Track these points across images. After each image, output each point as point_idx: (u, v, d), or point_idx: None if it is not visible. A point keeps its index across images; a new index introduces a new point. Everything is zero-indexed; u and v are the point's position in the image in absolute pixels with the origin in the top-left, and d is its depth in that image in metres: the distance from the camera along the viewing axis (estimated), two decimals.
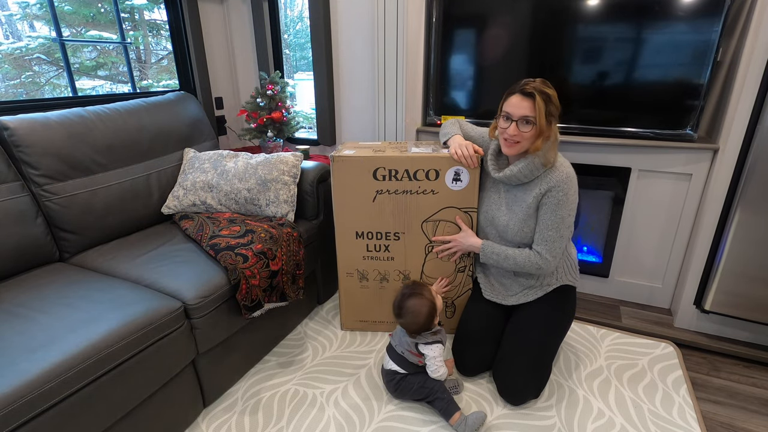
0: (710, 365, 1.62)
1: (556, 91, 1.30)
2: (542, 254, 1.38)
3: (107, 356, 1.02)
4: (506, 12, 1.81)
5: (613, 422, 1.34)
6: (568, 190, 1.33)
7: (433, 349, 1.35)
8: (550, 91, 1.29)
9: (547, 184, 1.33)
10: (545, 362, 1.42)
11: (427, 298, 1.37)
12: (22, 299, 1.19)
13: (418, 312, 1.35)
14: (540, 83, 1.30)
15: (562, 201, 1.32)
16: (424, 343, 1.36)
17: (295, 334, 1.78)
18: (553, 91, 1.30)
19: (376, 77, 2.03)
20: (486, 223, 1.52)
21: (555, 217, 1.34)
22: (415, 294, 1.38)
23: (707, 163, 1.67)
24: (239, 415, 1.38)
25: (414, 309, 1.36)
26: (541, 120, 1.28)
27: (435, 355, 1.35)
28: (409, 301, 1.37)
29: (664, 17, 1.57)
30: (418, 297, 1.37)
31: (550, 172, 1.34)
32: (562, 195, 1.32)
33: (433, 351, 1.35)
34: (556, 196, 1.32)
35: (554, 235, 1.35)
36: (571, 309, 1.51)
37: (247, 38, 2.49)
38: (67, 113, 1.57)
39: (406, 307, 1.37)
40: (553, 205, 1.33)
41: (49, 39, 2.83)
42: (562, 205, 1.33)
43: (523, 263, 1.41)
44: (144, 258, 1.45)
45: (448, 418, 1.32)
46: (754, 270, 1.54)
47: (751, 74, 1.43)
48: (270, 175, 1.69)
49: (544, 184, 1.34)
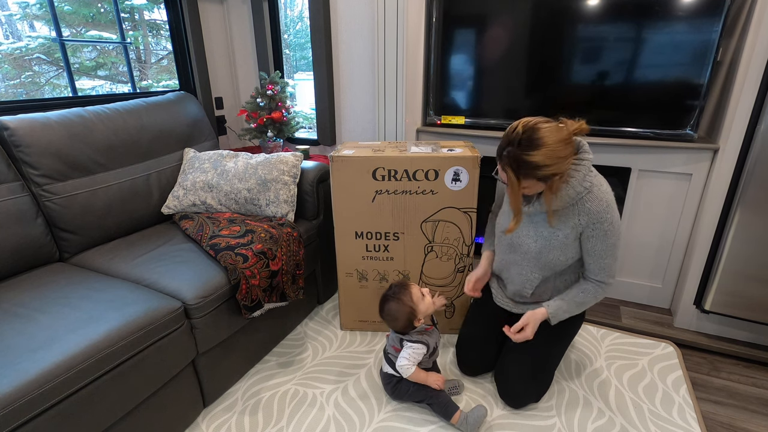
0: (710, 365, 1.62)
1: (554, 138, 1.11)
2: (605, 281, 1.31)
3: (107, 356, 1.02)
4: (506, 12, 1.81)
5: (613, 422, 1.34)
6: (613, 219, 1.23)
7: (412, 346, 1.35)
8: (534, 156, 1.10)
9: (587, 216, 1.22)
10: (547, 369, 1.41)
11: (406, 304, 1.34)
12: (22, 299, 1.19)
13: (395, 317, 1.35)
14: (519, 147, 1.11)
15: (609, 231, 1.23)
16: (408, 341, 1.37)
17: (295, 334, 1.78)
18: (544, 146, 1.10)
19: (376, 77, 2.03)
20: (505, 249, 1.42)
21: (607, 245, 1.26)
22: (395, 298, 1.36)
23: (707, 163, 1.67)
24: (239, 415, 1.38)
25: (391, 313, 1.36)
26: (530, 190, 1.20)
27: (407, 355, 1.34)
28: (388, 304, 1.37)
29: (664, 17, 1.57)
30: (396, 301, 1.35)
31: (587, 199, 1.22)
32: (608, 225, 1.23)
33: (409, 349, 1.35)
34: (602, 227, 1.23)
35: (611, 261, 1.28)
36: (579, 319, 1.45)
37: (247, 38, 2.49)
38: (67, 113, 1.57)
39: (385, 309, 1.38)
40: (601, 236, 1.24)
41: (49, 39, 2.83)
42: (611, 234, 1.24)
43: (593, 301, 1.33)
44: (144, 258, 1.45)
45: (448, 418, 1.32)
46: (754, 270, 1.54)
47: (751, 74, 1.43)
48: (270, 175, 1.69)
49: (584, 216, 1.23)
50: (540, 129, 1.12)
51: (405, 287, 1.39)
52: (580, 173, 1.20)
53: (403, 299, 1.35)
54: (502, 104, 1.95)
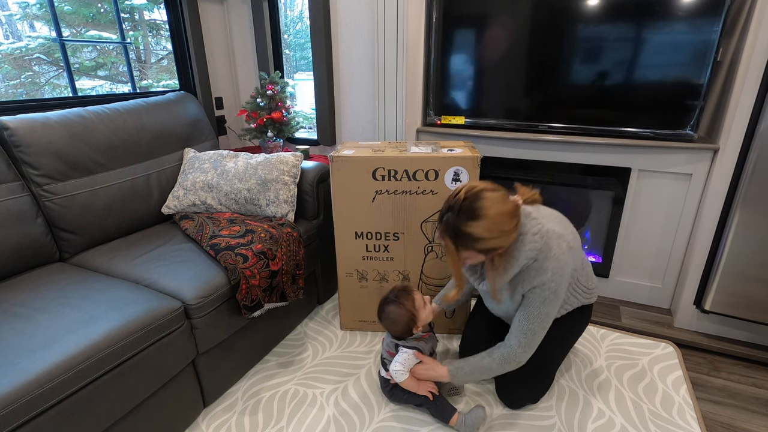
0: (710, 365, 1.62)
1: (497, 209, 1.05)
2: (519, 353, 1.22)
3: (107, 356, 1.02)
4: (506, 12, 1.81)
5: (613, 422, 1.34)
6: (557, 288, 1.15)
7: (407, 352, 1.34)
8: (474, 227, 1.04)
9: (531, 282, 1.16)
10: (546, 372, 1.40)
11: (407, 309, 1.33)
12: (22, 299, 1.19)
13: (395, 320, 1.34)
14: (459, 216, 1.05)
15: (548, 299, 1.17)
16: (404, 346, 1.36)
17: (295, 334, 1.78)
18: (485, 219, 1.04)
19: (376, 77, 2.03)
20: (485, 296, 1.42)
21: (539, 312, 1.19)
22: (397, 302, 1.35)
23: (707, 163, 1.67)
24: (239, 415, 1.38)
25: (392, 316, 1.35)
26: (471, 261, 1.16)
27: (402, 360, 1.33)
28: (390, 307, 1.35)
29: (664, 17, 1.57)
30: (398, 306, 1.34)
31: (532, 267, 1.15)
32: (550, 293, 1.16)
33: (404, 354, 1.34)
34: (542, 294, 1.16)
35: (536, 327, 1.20)
36: (582, 325, 1.44)
37: (247, 38, 2.49)
38: (67, 113, 1.57)
39: (385, 312, 1.36)
40: (539, 301, 1.17)
41: (49, 39, 2.83)
42: (549, 303, 1.17)
43: (498, 370, 1.27)
44: (144, 258, 1.45)
45: (446, 421, 1.32)
46: (754, 270, 1.54)
47: (751, 74, 1.43)
48: (270, 175, 1.69)
49: (527, 283, 1.17)
50: (482, 198, 1.05)
51: (408, 292, 1.37)
52: (525, 246, 1.13)
53: (406, 304, 1.34)
54: (502, 104, 1.95)
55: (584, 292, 1.36)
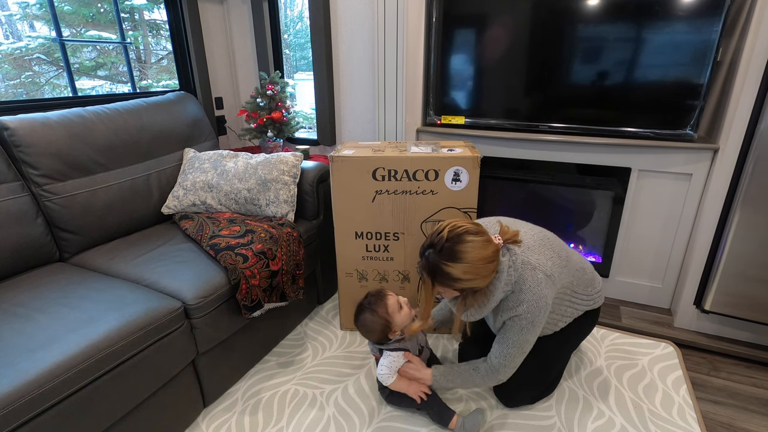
0: (710, 365, 1.62)
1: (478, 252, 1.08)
2: (498, 370, 1.25)
3: (107, 356, 1.02)
4: (506, 12, 1.81)
5: (613, 422, 1.34)
6: (534, 319, 1.17)
7: (390, 355, 1.32)
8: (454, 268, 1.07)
9: (509, 313, 1.20)
10: (546, 375, 1.39)
11: (380, 316, 1.30)
12: (21, 299, 1.19)
13: (370, 328, 1.32)
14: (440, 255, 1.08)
15: (526, 328, 1.19)
16: (386, 349, 1.34)
17: (295, 334, 1.78)
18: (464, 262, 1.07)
19: (376, 77, 2.03)
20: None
21: (518, 340, 1.21)
22: (369, 309, 1.32)
23: (707, 163, 1.67)
24: (239, 415, 1.38)
25: (366, 324, 1.32)
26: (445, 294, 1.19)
27: (387, 363, 1.31)
28: (363, 315, 1.33)
29: (664, 17, 1.57)
30: (371, 313, 1.31)
31: (509, 299, 1.19)
32: (527, 323, 1.18)
33: (387, 358, 1.32)
34: (520, 323, 1.19)
35: (516, 352, 1.22)
36: (587, 330, 1.44)
37: (247, 38, 2.49)
38: (67, 113, 1.57)
39: (359, 320, 1.34)
40: (516, 330, 1.20)
41: (49, 39, 2.83)
42: (526, 332, 1.20)
43: (480, 383, 1.29)
44: (144, 258, 1.45)
45: (445, 424, 1.31)
46: (754, 270, 1.54)
47: (751, 74, 1.43)
48: (270, 175, 1.69)
49: (506, 313, 1.21)
50: (464, 242, 1.08)
51: (381, 297, 1.34)
52: (500, 281, 1.15)
53: (378, 310, 1.31)
54: (502, 104, 1.95)
55: (587, 299, 1.36)
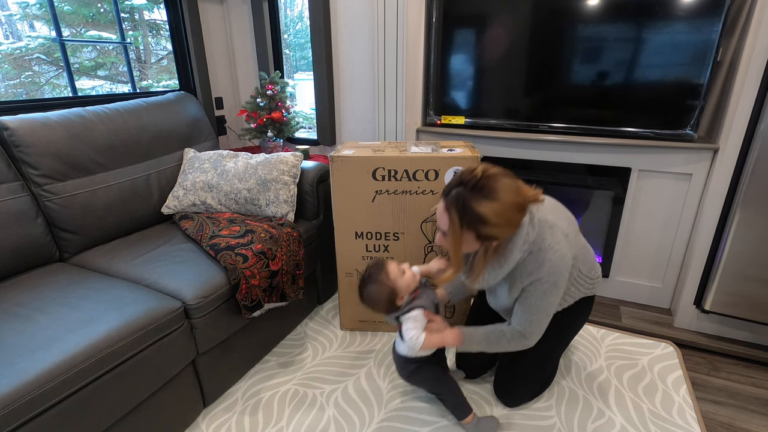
0: (710, 365, 1.62)
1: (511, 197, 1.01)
2: (525, 336, 1.19)
3: (107, 356, 1.02)
4: (506, 12, 1.81)
5: (613, 422, 1.34)
6: (556, 281, 1.12)
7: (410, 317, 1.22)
8: (487, 207, 0.99)
9: (530, 277, 1.12)
10: (543, 370, 1.39)
11: (384, 284, 1.22)
12: (21, 299, 1.19)
13: (376, 300, 1.24)
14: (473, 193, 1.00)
15: (549, 291, 1.13)
16: (402, 315, 1.23)
17: (295, 334, 1.78)
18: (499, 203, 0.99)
19: (376, 77, 2.03)
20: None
21: (542, 304, 1.15)
22: (371, 281, 1.24)
23: (707, 163, 1.67)
24: (239, 415, 1.38)
25: (371, 296, 1.24)
26: (454, 244, 1.06)
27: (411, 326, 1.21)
28: (367, 288, 1.24)
29: (664, 17, 1.57)
30: (374, 283, 1.23)
31: (528, 261, 1.11)
32: (549, 286, 1.12)
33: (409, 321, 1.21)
34: (541, 287, 1.13)
35: (541, 317, 1.17)
36: (583, 320, 1.40)
37: (247, 38, 2.49)
38: (67, 113, 1.57)
39: (364, 294, 1.26)
40: (539, 294, 1.14)
41: (49, 39, 2.83)
42: (549, 296, 1.14)
43: (505, 347, 1.22)
44: (144, 258, 1.45)
45: (461, 418, 1.29)
46: (754, 270, 1.54)
47: (751, 74, 1.43)
48: (270, 175, 1.69)
49: (526, 277, 1.13)
50: (499, 182, 1.01)
51: (380, 266, 1.26)
52: (519, 239, 1.09)
53: (381, 279, 1.23)
54: (502, 104, 1.95)
55: (586, 283, 1.32)
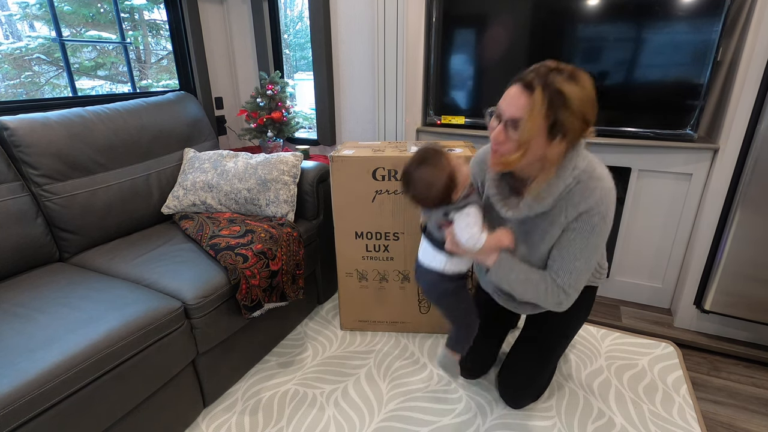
0: (710, 365, 1.62)
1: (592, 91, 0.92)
2: (566, 290, 1.06)
3: (107, 356, 1.02)
4: (506, 12, 1.81)
5: (613, 422, 1.34)
6: (607, 212, 1.00)
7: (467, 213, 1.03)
8: (572, 89, 0.89)
9: (577, 208, 1.00)
10: (548, 367, 1.39)
11: (446, 170, 1.02)
12: (21, 299, 1.19)
13: (431, 184, 1.02)
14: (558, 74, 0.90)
15: (598, 226, 1.00)
16: (456, 209, 1.04)
17: (295, 334, 1.78)
18: (583, 89, 0.90)
19: (376, 77, 2.03)
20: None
21: (587, 245, 1.02)
22: (430, 162, 1.03)
23: (707, 162, 1.67)
24: (239, 415, 1.38)
25: (426, 179, 1.03)
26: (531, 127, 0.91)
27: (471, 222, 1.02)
28: (421, 169, 1.03)
29: (664, 17, 1.57)
30: (433, 166, 1.02)
31: (575, 191, 1.00)
32: (599, 219, 0.99)
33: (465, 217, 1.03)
34: (590, 221, 1.00)
35: (583, 266, 1.04)
36: (585, 313, 1.35)
37: (247, 38, 2.49)
38: (67, 113, 1.57)
39: (415, 177, 1.04)
40: (586, 231, 1.01)
41: (49, 39, 2.83)
42: (598, 232, 1.01)
43: (543, 295, 1.08)
44: (144, 258, 1.45)
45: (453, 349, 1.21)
46: (754, 270, 1.54)
47: (751, 74, 1.43)
48: (270, 175, 1.69)
49: (572, 209, 1.01)
50: (582, 73, 0.92)
51: (440, 150, 1.05)
52: (569, 163, 1.00)
53: (440, 162, 1.03)
54: None
55: (596, 270, 1.25)
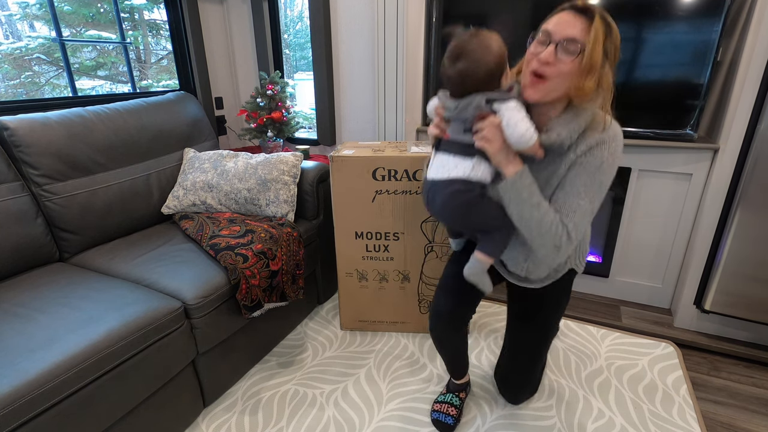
0: (710, 365, 1.62)
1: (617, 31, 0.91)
2: (570, 232, 0.98)
3: (107, 356, 1.02)
4: (506, 12, 1.81)
5: (613, 422, 1.34)
6: (616, 150, 0.95)
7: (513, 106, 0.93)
8: (615, 29, 0.90)
9: (587, 142, 0.95)
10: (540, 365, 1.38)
11: (498, 53, 0.94)
12: (21, 299, 1.19)
13: (482, 62, 0.93)
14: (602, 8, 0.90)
15: (606, 162, 0.95)
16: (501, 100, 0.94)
17: (295, 334, 1.78)
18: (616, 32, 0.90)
19: (376, 77, 2.03)
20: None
21: (593, 181, 0.95)
22: (483, 35, 0.95)
23: (707, 162, 1.67)
24: (239, 415, 1.38)
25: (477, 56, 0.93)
26: (594, 52, 0.87)
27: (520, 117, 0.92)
28: (478, 39, 0.94)
29: (664, 17, 1.57)
30: (488, 38, 0.94)
31: (590, 127, 0.96)
32: (608, 155, 0.94)
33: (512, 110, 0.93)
34: (600, 155, 0.94)
35: (587, 206, 0.97)
36: (566, 301, 1.28)
37: (247, 38, 2.49)
38: (67, 113, 1.57)
39: (469, 48, 0.94)
40: (593, 166, 0.95)
41: (49, 39, 2.83)
42: (605, 169, 0.95)
43: (547, 229, 0.97)
44: (144, 258, 1.45)
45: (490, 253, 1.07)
46: (754, 270, 1.54)
47: (751, 74, 1.43)
48: (270, 175, 1.69)
49: (583, 144, 0.95)
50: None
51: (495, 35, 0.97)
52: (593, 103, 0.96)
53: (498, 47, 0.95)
54: None
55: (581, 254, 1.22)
